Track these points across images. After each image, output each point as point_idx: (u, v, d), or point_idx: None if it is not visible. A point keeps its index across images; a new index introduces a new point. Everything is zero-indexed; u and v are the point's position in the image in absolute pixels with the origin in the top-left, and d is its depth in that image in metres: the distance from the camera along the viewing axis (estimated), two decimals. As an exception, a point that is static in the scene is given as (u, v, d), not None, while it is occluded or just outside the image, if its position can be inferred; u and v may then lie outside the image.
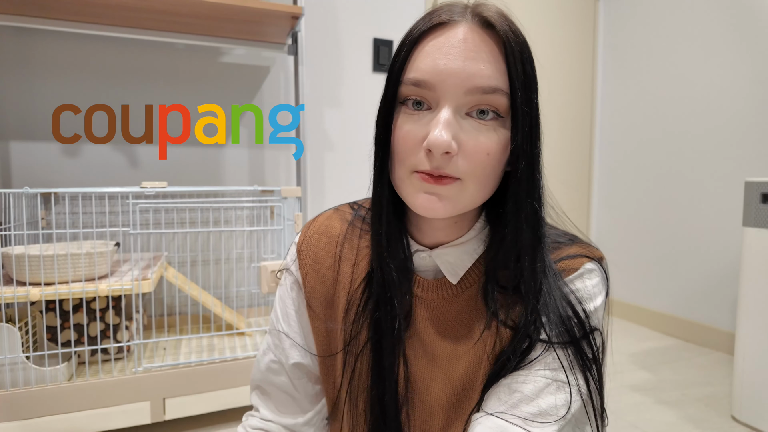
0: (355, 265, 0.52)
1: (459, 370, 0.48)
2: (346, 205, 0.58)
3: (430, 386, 0.49)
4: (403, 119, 0.43)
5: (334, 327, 0.53)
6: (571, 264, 0.46)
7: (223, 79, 1.69)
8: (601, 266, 0.48)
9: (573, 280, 0.46)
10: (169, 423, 1.28)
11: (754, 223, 1.29)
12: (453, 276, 0.48)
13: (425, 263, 0.49)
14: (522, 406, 0.42)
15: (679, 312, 2.08)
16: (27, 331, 1.22)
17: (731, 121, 1.85)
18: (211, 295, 1.45)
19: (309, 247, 0.54)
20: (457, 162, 0.40)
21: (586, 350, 0.44)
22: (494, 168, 0.42)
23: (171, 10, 1.30)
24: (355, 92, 1.87)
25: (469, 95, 0.40)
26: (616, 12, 2.35)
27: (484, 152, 0.40)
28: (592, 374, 0.44)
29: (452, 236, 0.48)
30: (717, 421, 1.36)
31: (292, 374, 0.55)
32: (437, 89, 0.40)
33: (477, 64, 0.39)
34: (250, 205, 1.67)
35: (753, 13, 1.78)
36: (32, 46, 1.47)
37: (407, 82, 0.42)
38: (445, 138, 0.39)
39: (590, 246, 0.49)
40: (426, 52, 0.41)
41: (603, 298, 0.46)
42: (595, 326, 0.45)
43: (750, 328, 1.31)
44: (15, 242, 1.26)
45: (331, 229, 0.54)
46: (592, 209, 2.53)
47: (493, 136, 0.41)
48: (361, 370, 0.50)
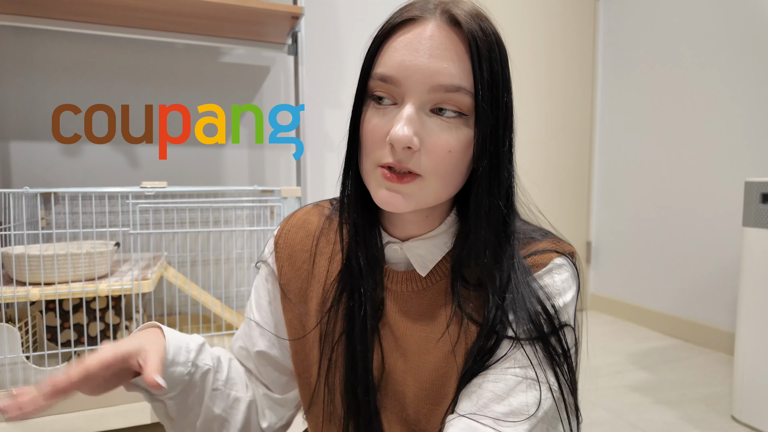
0: (331, 259, 0.52)
1: (428, 364, 0.48)
2: (326, 201, 0.59)
3: (403, 378, 0.49)
4: (371, 113, 0.43)
5: (308, 319, 0.53)
6: (540, 259, 0.46)
7: (223, 79, 1.69)
8: (572, 261, 0.47)
9: (542, 275, 0.45)
10: (169, 423, 1.28)
11: (754, 223, 1.29)
12: (422, 269, 0.48)
13: (396, 255, 0.50)
14: (493, 406, 0.41)
15: (679, 312, 2.08)
16: (27, 331, 1.22)
17: (731, 121, 1.85)
18: (211, 295, 1.45)
19: (286, 240, 0.55)
20: (420, 158, 0.41)
21: (556, 346, 0.43)
22: (456, 165, 0.42)
23: (171, 10, 1.30)
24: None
25: (432, 93, 0.40)
26: (616, 12, 2.35)
27: (446, 150, 0.41)
28: (562, 371, 0.43)
29: (424, 230, 0.48)
30: (717, 421, 1.36)
31: (257, 361, 0.56)
32: (402, 85, 0.41)
33: (441, 62, 0.40)
34: (250, 205, 1.67)
35: (753, 13, 1.78)
36: (32, 46, 1.47)
37: (375, 76, 0.42)
38: (406, 133, 0.39)
39: (561, 241, 0.48)
40: (393, 48, 0.42)
41: (573, 293, 0.46)
42: (566, 322, 0.44)
43: (750, 328, 1.31)
44: (15, 242, 1.26)
45: (309, 224, 0.55)
46: (592, 209, 2.53)
47: (455, 133, 0.41)
48: (336, 362, 0.50)
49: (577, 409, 0.45)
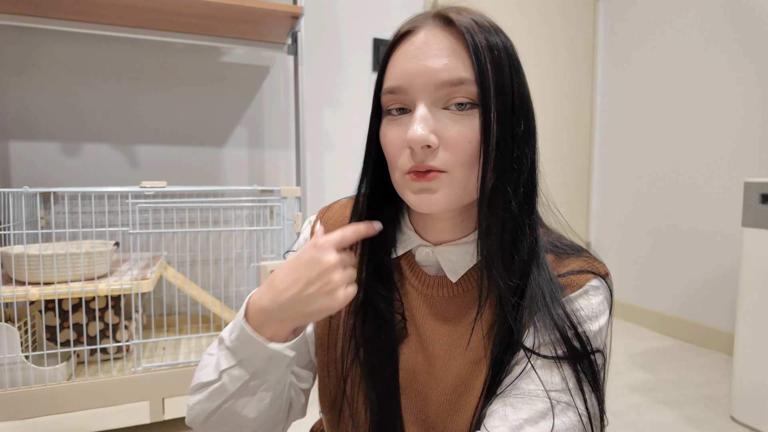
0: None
1: (453, 370, 0.48)
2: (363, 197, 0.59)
3: (427, 380, 0.49)
4: (388, 126, 0.45)
5: (336, 314, 0.53)
6: (576, 280, 0.45)
7: (223, 79, 1.69)
8: (606, 283, 0.46)
9: (577, 297, 0.45)
10: (168, 423, 1.28)
11: (753, 224, 1.29)
12: (453, 274, 0.48)
13: (428, 259, 0.50)
14: (527, 428, 0.41)
15: (679, 312, 2.08)
16: (26, 331, 1.22)
17: (731, 121, 1.85)
18: (210, 294, 1.45)
19: (325, 230, 0.55)
20: (441, 155, 0.42)
21: (588, 371, 0.43)
22: (478, 154, 0.42)
23: (171, 9, 1.30)
24: (355, 92, 1.87)
25: (439, 90, 0.41)
26: (616, 12, 2.35)
27: (465, 141, 0.41)
28: (594, 396, 0.43)
29: (457, 235, 0.49)
30: (716, 421, 1.35)
31: None
32: (409, 91, 0.42)
33: (440, 60, 0.41)
34: (249, 205, 1.67)
35: (753, 13, 1.78)
36: (32, 46, 1.47)
37: (385, 92, 0.44)
38: (421, 132, 0.40)
39: (596, 260, 0.48)
40: (395, 61, 0.44)
41: (607, 316, 0.45)
42: (597, 347, 0.44)
43: (749, 329, 1.31)
44: (14, 242, 1.26)
45: (346, 219, 0.55)
46: (592, 209, 2.53)
47: (471, 123, 0.42)
48: (360, 363, 0.50)
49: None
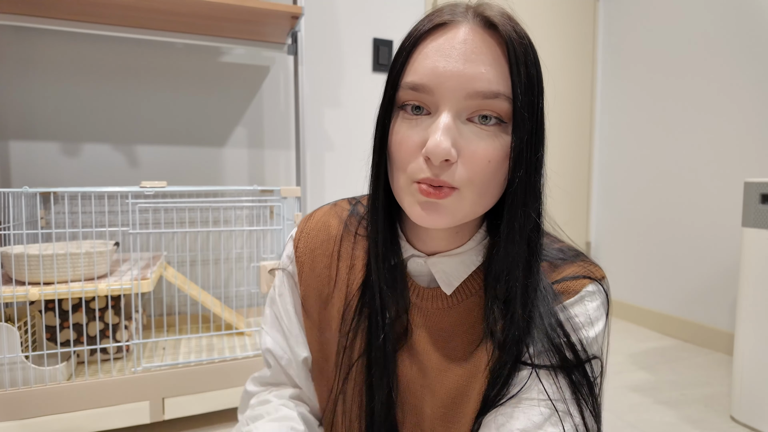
0: (351, 268, 0.51)
1: (448, 382, 0.46)
2: (344, 201, 0.56)
3: (421, 393, 0.48)
4: (401, 124, 0.41)
5: (327, 327, 0.52)
6: (572, 286, 0.44)
7: (223, 79, 1.69)
8: (602, 286, 0.45)
9: (573, 303, 0.44)
10: (168, 423, 1.28)
11: (753, 224, 1.29)
12: (447, 286, 0.47)
13: (420, 269, 0.48)
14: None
15: (679, 312, 2.08)
16: (26, 331, 1.22)
17: (731, 121, 1.85)
18: (210, 294, 1.45)
19: (306, 243, 0.53)
20: (457, 170, 0.38)
21: (582, 380, 0.42)
22: (495, 176, 0.39)
23: (171, 9, 1.30)
24: (355, 92, 1.87)
25: (469, 99, 0.38)
26: (616, 12, 2.35)
27: (485, 159, 0.38)
28: (590, 405, 0.42)
29: (451, 245, 0.46)
30: (716, 421, 1.36)
31: (300, 371, 0.54)
32: (436, 93, 0.38)
33: (478, 66, 0.37)
34: (249, 205, 1.67)
35: (753, 13, 1.78)
36: (32, 46, 1.47)
37: (405, 86, 0.40)
38: (445, 146, 0.37)
39: (592, 264, 0.46)
40: (425, 55, 0.39)
41: (604, 322, 0.44)
42: (594, 354, 0.43)
43: (749, 329, 1.31)
44: (14, 242, 1.26)
45: (329, 227, 0.53)
46: (591, 209, 2.53)
47: (495, 142, 0.39)
48: (355, 377, 0.49)
49: None
